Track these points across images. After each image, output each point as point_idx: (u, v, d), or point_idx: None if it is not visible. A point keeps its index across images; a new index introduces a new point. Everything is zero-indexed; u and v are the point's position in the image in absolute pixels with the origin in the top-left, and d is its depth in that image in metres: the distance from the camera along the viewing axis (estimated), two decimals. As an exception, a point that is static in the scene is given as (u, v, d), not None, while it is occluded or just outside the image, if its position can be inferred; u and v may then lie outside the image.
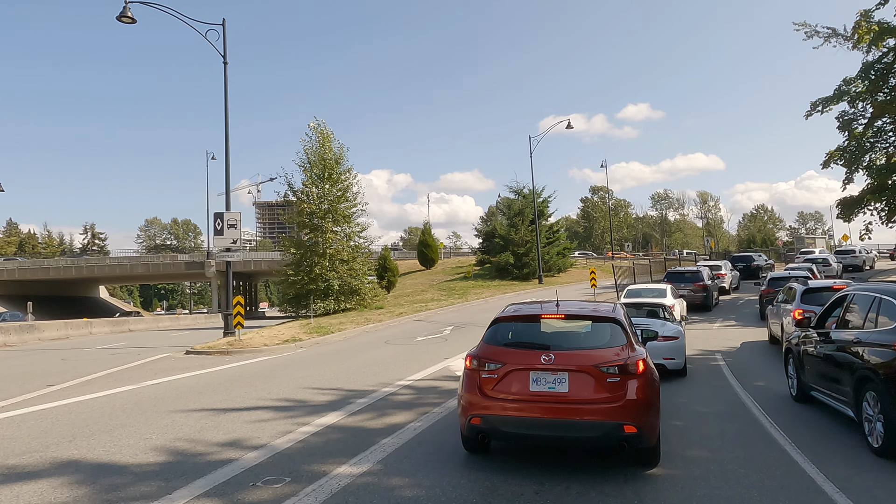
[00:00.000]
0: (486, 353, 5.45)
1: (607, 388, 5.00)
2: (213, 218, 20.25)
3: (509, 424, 5.13)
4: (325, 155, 31.60)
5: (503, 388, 5.19)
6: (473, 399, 5.27)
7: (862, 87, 27.10)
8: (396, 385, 10.05)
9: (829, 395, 7.09)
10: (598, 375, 5.03)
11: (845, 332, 6.88)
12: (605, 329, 5.58)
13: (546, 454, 5.78)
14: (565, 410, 4.99)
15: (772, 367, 11.41)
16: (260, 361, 14.09)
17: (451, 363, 12.49)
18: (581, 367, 5.08)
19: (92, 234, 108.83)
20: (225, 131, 20.61)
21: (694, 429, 6.89)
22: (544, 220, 47.82)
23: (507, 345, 5.52)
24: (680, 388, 9.42)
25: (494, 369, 5.26)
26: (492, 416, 5.16)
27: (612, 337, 5.45)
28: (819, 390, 7.45)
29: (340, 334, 19.61)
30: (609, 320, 5.63)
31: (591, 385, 5.02)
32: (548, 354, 5.17)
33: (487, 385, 5.25)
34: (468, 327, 20.09)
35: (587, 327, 5.71)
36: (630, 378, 5.05)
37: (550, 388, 5.07)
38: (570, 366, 5.10)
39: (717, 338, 15.89)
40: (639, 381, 5.06)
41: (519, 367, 5.20)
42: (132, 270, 59.36)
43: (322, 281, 30.36)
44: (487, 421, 5.19)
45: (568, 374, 5.08)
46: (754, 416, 7.56)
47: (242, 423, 7.45)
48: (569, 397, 5.02)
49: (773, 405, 8.13)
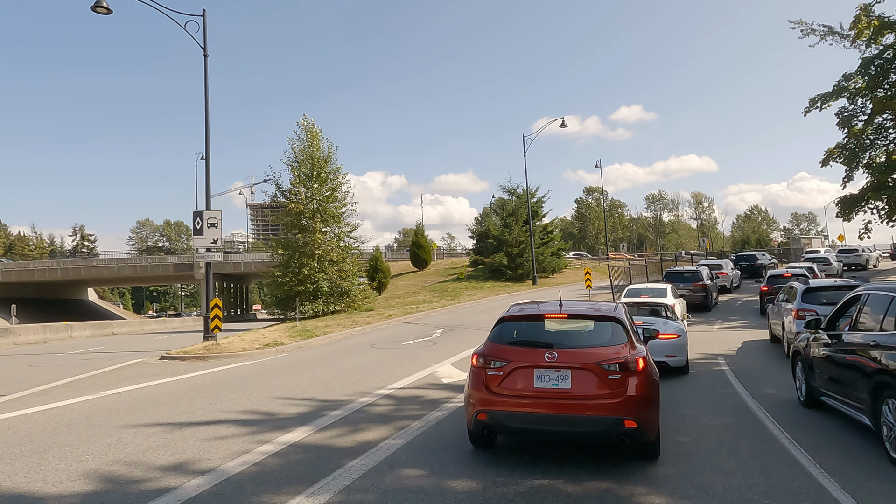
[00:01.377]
0: (491, 351, 5.59)
1: (608, 384, 5.12)
2: (192, 217, 19.38)
3: (514, 420, 5.27)
4: (313, 153, 30.82)
5: (508, 385, 5.32)
6: (480, 395, 5.40)
7: (862, 83, 26.51)
8: (376, 394, 9.25)
9: (842, 401, 6.64)
10: (600, 372, 5.15)
11: (860, 334, 6.38)
12: (606, 328, 5.68)
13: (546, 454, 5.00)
14: (568, 406, 5.12)
15: (777, 370, 10.69)
16: (235, 368, 13.25)
17: (438, 369, 11.71)
18: (583, 365, 5.19)
19: (81, 236, 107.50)
20: (205, 126, 19.77)
21: (703, 447, 6.12)
22: (538, 221, 47.10)
23: (512, 343, 5.67)
24: (684, 397, 8.66)
25: (500, 367, 5.40)
26: (497, 411, 5.29)
27: (613, 335, 5.57)
28: (831, 396, 7.00)
29: (325, 338, 18.78)
30: (610, 319, 5.74)
31: (593, 382, 5.14)
32: (551, 352, 5.30)
33: (493, 382, 5.38)
34: (459, 330, 19.31)
35: (589, 326, 5.81)
36: (630, 375, 5.15)
37: (554, 385, 5.20)
38: (573, 363, 5.22)
39: (718, 340, 15.18)
40: (639, 378, 5.17)
41: (523, 365, 5.32)
42: (119, 272, 58.20)
43: (311, 282, 29.56)
44: (493, 416, 5.32)
45: (571, 372, 5.20)
46: (767, 429, 6.81)
47: (196, 441, 6.62)
48: (571, 393, 5.14)
49: (786, 415, 7.39)
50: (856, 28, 27.14)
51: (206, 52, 19.98)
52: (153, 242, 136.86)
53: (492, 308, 27.21)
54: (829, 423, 6.94)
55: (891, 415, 5.37)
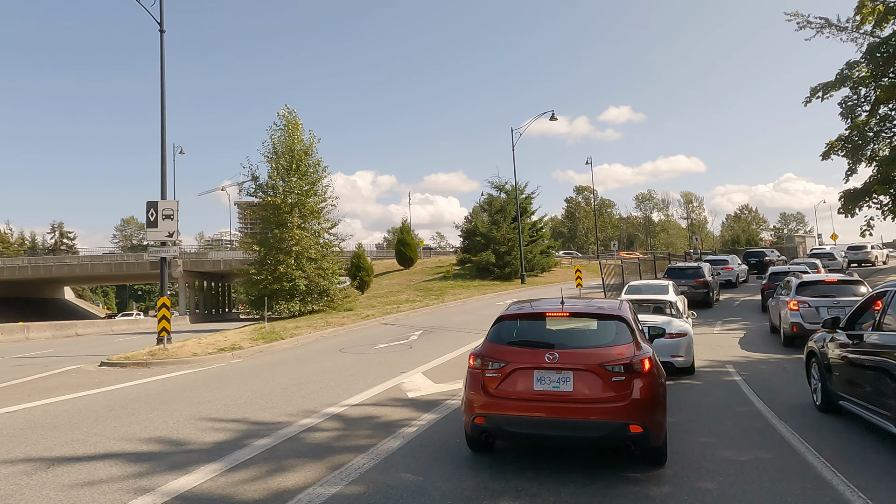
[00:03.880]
0: (489, 352, 5.31)
1: (612, 387, 4.86)
2: (146, 208, 17.59)
3: (513, 424, 5.02)
4: (293, 145, 29.08)
5: (507, 388, 5.08)
6: (477, 398, 5.15)
7: (866, 71, 25.23)
8: (323, 413, 7.60)
9: (864, 406, 6.09)
10: (603, 374, 4.90)
11: (887, 335, 5.80)
12: (610, 327, 5.39)
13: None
14: (570, 410, 4.86)
15: (795, 379, 9.14)
16: (175, 377, 11.53)
17: (407, 379, 10.08)
18: (586, 366, 4.94)
19: (60, 234, 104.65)
20: (161, 106, 17.97)
21: (737, 498, 4.52)
22: (528, 218, 45.60)
23: (511, 343, 5.38)
24: (698, 418, 7.09)
25: (498, 368, 5.14)
26: (496, 415, 5.04)
27: (617, 335, 5.28)
28: (851, 400, 6.44)
29: (292, 340, 17.08)
30: (614, 318, 5.43)
31: (596, 384, 4.89)
32: (552, 353, 5.04)
33: (491, 384, 5.13)
34: (439, 332, 17.69)
35: (592, 325, 5.53)
36: (636, 377, 4.89)
37: (555, 388, 4.95)
38: (575, 365, 4.97)
39: (723, 344, 13.68)
40: (645, 380, 4.90)
41: (523, 366, 5.07)
42: (93, 270, 55.94)
43: (287, 281, 27.87)
44: (491, 420, 5.07)
45: (572, 373, 4.95)
46: (811, 465, 5.24)
47: (55, 489, 4.93)
48: (573, 396, 4.90)
49: (832, 446, 5.83)
50: (860, 14, 25.93)
51: (162, 28, 18.23)
52: (138, 241, 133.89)
53: (477, 308, 25.60)
54: (867, 444, 5.39)
55: None
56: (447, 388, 9.29)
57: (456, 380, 9.91)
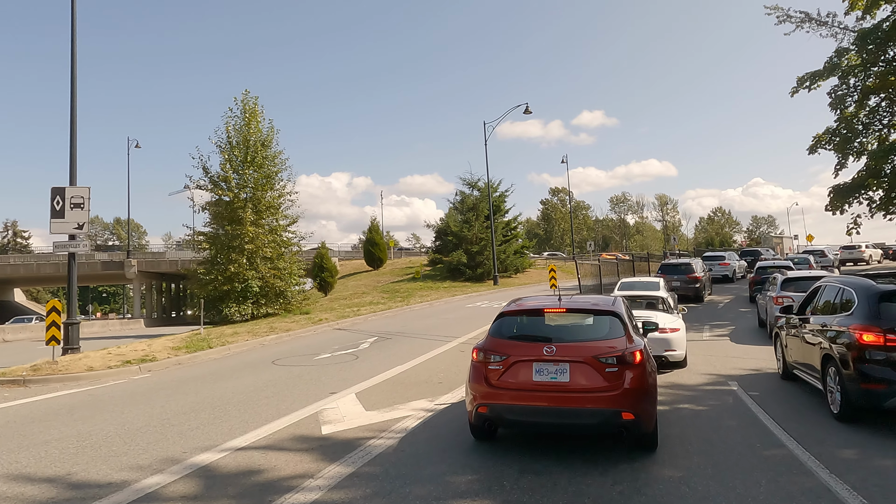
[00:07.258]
0: (492, 346, 5.58)
1: (606, 377, 5.10)
2: (51, 195, 14.98)
3: (514, 413, 5.27)
4: (249, 136, 26.54)
5: (508, 379, 5.31)
6: (480, 389, 5.38)
7: (857, 59, 23.82)
8: (186, 465, 5.32)
9: (805, 373, 7.70)
10: (598, 366, 5.14)
11: (818, 317, 7.39)
12: (604, 322, 5.67)
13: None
14: (567, 399, 5.12)
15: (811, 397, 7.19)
16: (40, 401, 9.09)
17: (331, 404, 7.85)
18: (581, 358, 5.19)
19: (14, 233, 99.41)
20: (71, 80, 15.39)
21: None
22: (501, 216, 43.65)
23: (512, 338, 5.68)
24: (719, 475, 4.98)
25: (500, 361, 5.39)
26: (497, 405, 5.29)
27: (611, 329, 5.54)
28: (798, 369, 8.05)
29: (222, 349, 14.67)
30: (609, 313, 5.70)
31: (591, 375, 5.13)
32: (550, 346, 5.30)
33: (493, 376, 5.37)
34: (396, 338, 15.49)
35: (589, 320, 5.86)
36: (628, 368, 5.12)
37: (553, 379, 5.18)
38: (571, 357, 5.21)
39: (717, 353, 11.79)
40: (636, 371, 5.14)
41: (523, 359, 5.32)
42: (39, 271, 52.16)
43: (239, 281, 25.35)
44: (493, 410, 5.31)
45: (569, 365, 5.19)
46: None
47: None
48: (570, 386, 5.14)
49: None
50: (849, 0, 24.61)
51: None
52: (103, 241, 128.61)
53: (443, 311, 23.44)
54: None
55: (831, 380, 6.62)
56: (379, 417, 7.10)
57: (395, 405, 7.74)
